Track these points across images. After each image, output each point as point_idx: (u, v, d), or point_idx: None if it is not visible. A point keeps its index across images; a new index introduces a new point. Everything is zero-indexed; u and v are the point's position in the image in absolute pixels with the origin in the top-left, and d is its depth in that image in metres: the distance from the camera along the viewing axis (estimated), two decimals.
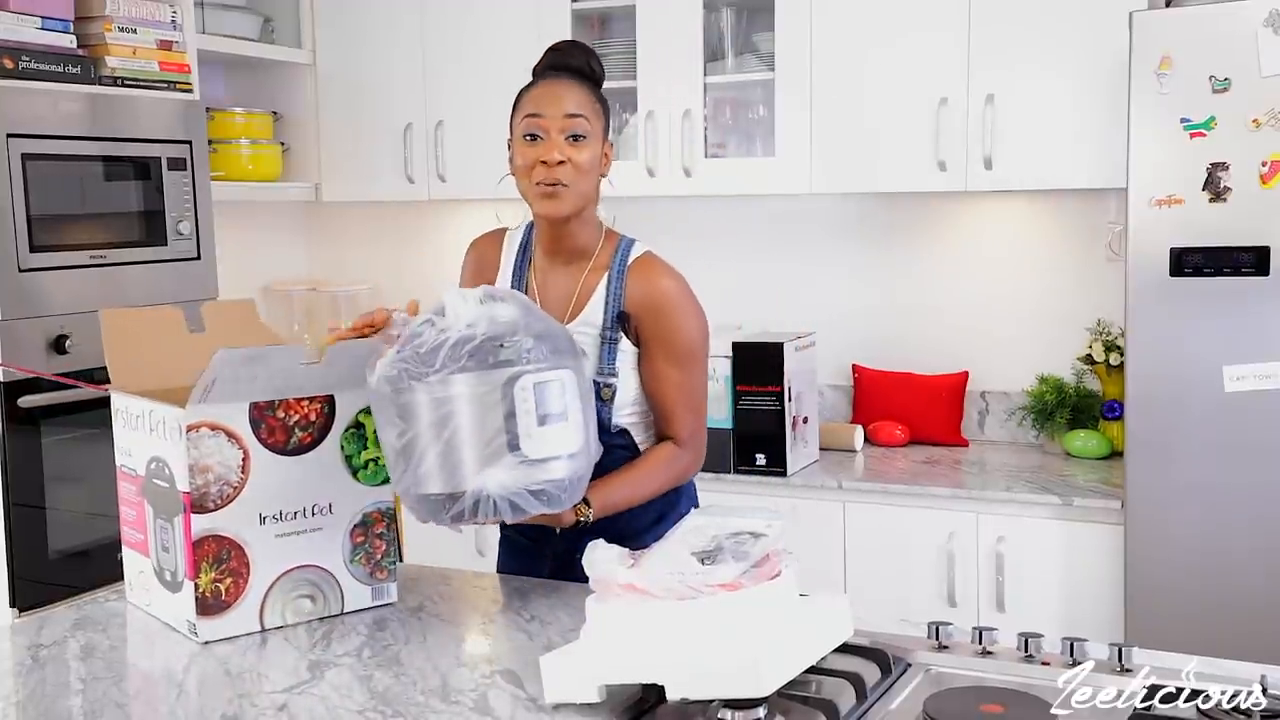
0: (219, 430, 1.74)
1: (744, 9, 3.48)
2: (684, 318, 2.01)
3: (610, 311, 2.00)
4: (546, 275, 2.08)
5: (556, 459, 1.67)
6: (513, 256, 2.13)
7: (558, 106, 1.95)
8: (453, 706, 1.52)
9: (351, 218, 4.27)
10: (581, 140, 1.95)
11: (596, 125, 1.98)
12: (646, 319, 1.99)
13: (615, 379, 1.99)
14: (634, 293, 2.00)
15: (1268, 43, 2.56)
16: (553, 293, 2.05)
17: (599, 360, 2.00)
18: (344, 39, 3.90)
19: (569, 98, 1.96)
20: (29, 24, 2.94)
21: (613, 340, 2.00)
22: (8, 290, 2.87)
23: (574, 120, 1.95)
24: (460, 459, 1.64)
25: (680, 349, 2.01)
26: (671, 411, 2.02)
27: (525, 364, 1.65)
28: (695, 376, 2.04)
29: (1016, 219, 3.47)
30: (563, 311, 2.02)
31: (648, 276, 2.01)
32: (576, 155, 1.95)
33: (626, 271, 2.01)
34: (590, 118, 1.97)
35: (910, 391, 3.49)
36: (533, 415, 1.64)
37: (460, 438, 1.63)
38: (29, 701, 1.59)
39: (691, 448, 2.05)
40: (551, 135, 1.95)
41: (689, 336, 2.02)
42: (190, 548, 1.74)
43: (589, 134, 1.96)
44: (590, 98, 1.99)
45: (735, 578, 1.43)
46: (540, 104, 1.97)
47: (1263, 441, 2.64)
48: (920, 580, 3.03)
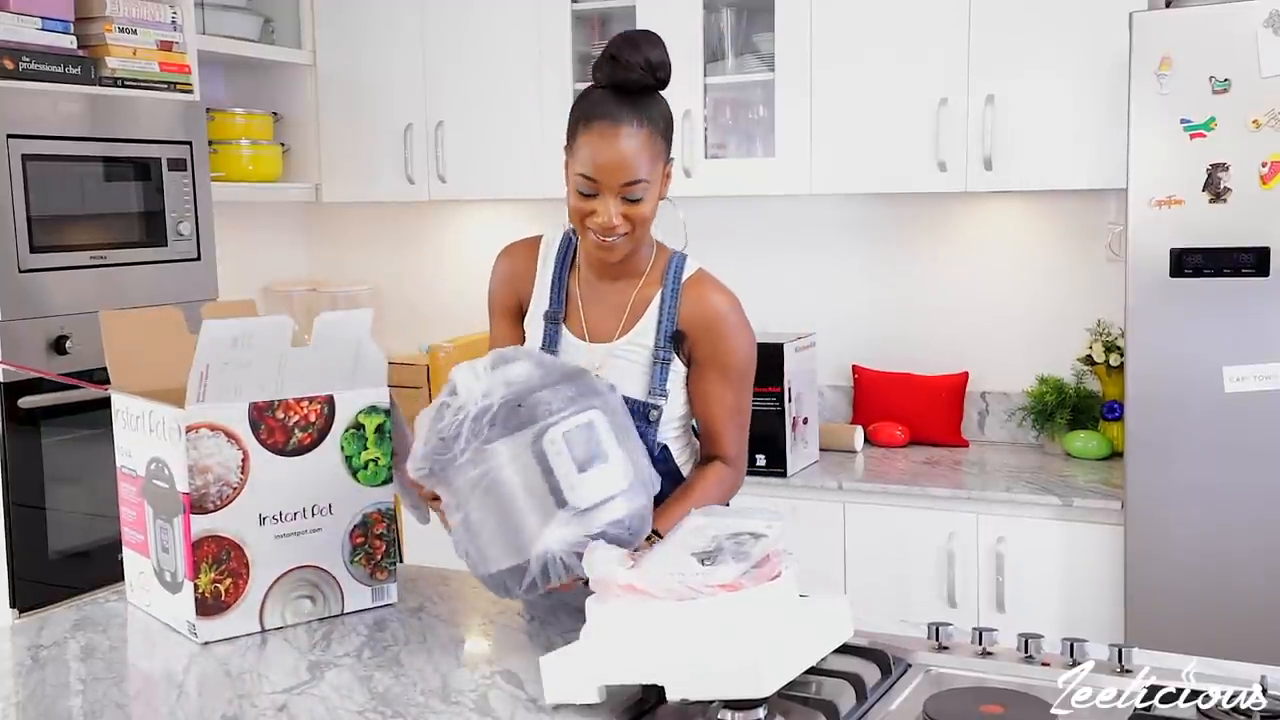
0: (218, 431, 1.75)
1: (744, 9, 3.48)
2: (738, 338, 1.96)
3: (664, 330, 1.94)
4: (593, 288, 1.99)
5: (609, 500, 1.62)
6: (550, 267, 2.02)
7: (614, 174, 1.80)
8: (453, 707, 1.52)
9: (351, 218, 4.27)
10: (639, 200, 1.83)
11: (656, 171, 1.84)
12: (701, 338, 1.94)
13: (664, 400, 1.94)
14: (688, 311, 1.94)
15: (1268, 43, 2.56)
16: (600, 307, 1.98)
17: (650, 380, 1.94)
18: (344, 39, 3.90)
19: (627, 159, 1.79)
20: (29, 24, 2.94)
21: (665, 360, 1.94)
22: (8, 291, 2.87)
23: (632, 186, 1.81)
24: (517, 528, 1.60)
25: (734, 369, 1.96)
26: (721, 431, 1.98)
27: (549, 417, 1.61)
28: (745, 396, 2.00)
29: (1016, 219, 3.48)
30: (613, 327, 1.96)
31: (702, 295, 1.95)
32: (634, 212, 1.83)
33: (680, 290, 1.95)
34: (650, 172, 1.81)
35: (910, 392, 3.49)
36: (571, 464, 1.59)
37: (510, 507, 1.60)
38: (29, 702, 1.59)
39: (738, 466, 2.01)
40: (607, 197, 1.82)
41: (742, 357, 1.97)
42: (190, 548, 1.74)
43: (648, 190, 1.83)
44: (651, 142, 1.81)
45: (735, 578, 1.43)
46: (594, 165, 1.80)
47: (1263, 442, 2.64)
48: (920, 581, 3.03)
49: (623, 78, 1.81)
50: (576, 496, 1.59)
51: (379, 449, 1.90)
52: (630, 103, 1.81)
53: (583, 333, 1.98)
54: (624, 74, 1.81)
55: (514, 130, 3.65)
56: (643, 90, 1.83)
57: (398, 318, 4.15)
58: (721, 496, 1.99)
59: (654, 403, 1.94)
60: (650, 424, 1.94)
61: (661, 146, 1.85)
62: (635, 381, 1.94)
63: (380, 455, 1.90)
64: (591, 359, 1.94)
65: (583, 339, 1.98)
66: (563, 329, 1.99)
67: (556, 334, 1.99)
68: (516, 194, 3.73)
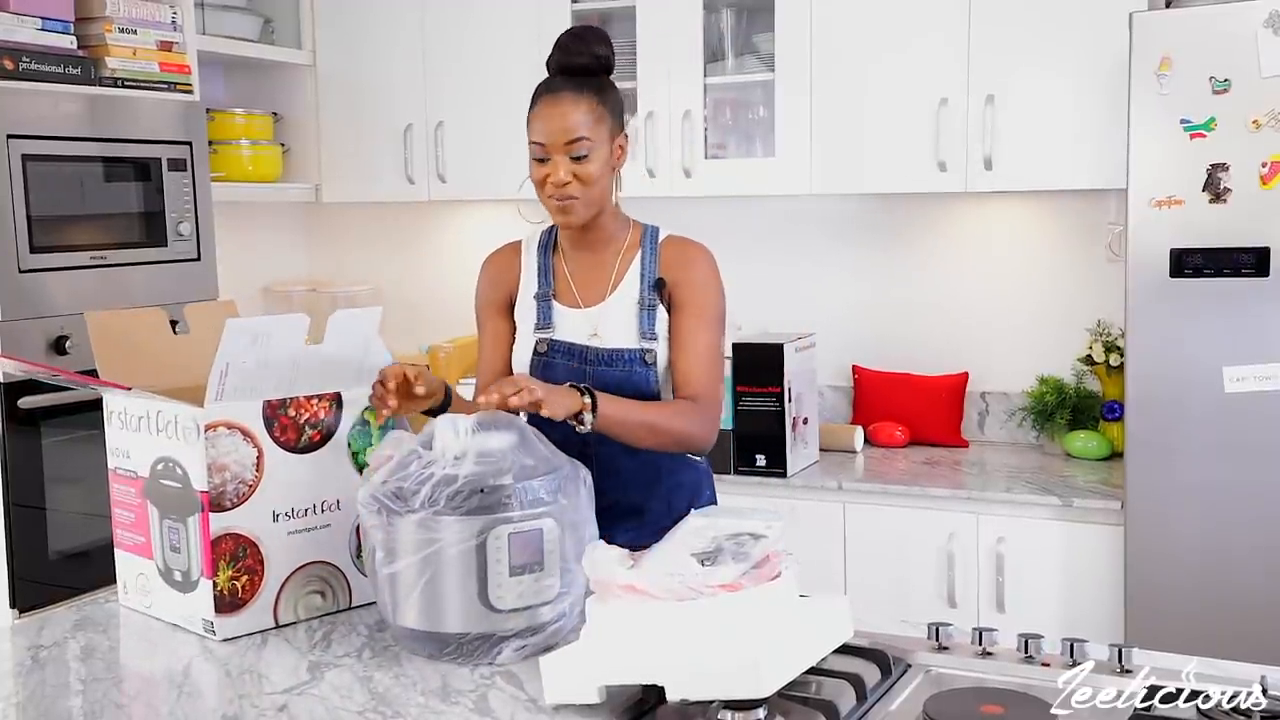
0: (235, 429, 1.77)
1: (744, 9, 3.48)
2: (712, 281, 2.11)
3: (647, 280, 2.09)
4: (578, 263, 2.15)
5: (530, 609, 1.63)
6: (534, 256, 2.19)
7: (557, 134, 2.01)
8: (453, 707, 1.52)
9: (351, 218, 4.27)
10: (584, 157, 2.01)
11: (600, 133, 2.02)
12: (681, 280, 2.08)
13: (655, 343, 2.07)
14: (668, 260, 2.10)
15: (1268, 43, 2.56)
16: (587, 275, 2.13)
17: (639, 325, 2.07)
18: (344, 39, 3.90)
19: (567, 120, 2.00)
20: (29, 25, 2.94)
21: (650, 306, 2.08)
22: (8, 291, 2.87)
23: (574, 144, 2.00)
24: (440, 603, 1.63)
25: (709, 309, 2.09)
26: (691, 371, 2.05)
27: (504, 511, 1.62)
28: (717, 340, 2.10)
29: (1016, 219, 3.47)
30: (602, 289, 2.11)
31: (680, 247, 2.13)
32: (582, 170, 2.01)
33: (659, 246, 2.12)
34: (591, 132, 2.01)
35: (910, 392, 3.49)
36: (504, 568, 1.61)
37: (440, 582, 1.62)
38: (29, 702, 1.59)
39: (706, 407, 2.05)
40: (555, 158, 2.02)
41: (717, 299, 2.11)
42: (208, 546, 1.75)
43: (592, 148, 2.01)
44: (591, 108, 2.01)
45: (735, 579, 1.43)
46: (541, 131, 2.03)
47: (1263, 442, 2.64)
48: (920, 581, 3.03)
49: (568, 62, 2.04)
50: (497, 598, 1.62)
51: None
52: (576, 81, 2.03)
53: (575, 301, 2.13)
54: (569, 58, 2.04)
55: (514, 130, 3.60)
56: (587, 73, 2.04)
57: (398, 318, 4.13)
58: (680, 420, 2.00)
59: (647, 346, 2.07)
60: (649, 366, 2.06)
61: (604, 114, 2.03)
62: (628, 330, 2.08)
63: None
64: (589, 320, 2.10)
65: (575, 306, 2.12)
66: (554, 304, 2.13)
67: (549, 309, 2.13)
68: (517, 194, 3.72)
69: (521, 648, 1.64)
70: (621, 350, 2.07)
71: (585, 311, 2.11)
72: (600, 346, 2.08)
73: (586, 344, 2.09)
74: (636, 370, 2.06)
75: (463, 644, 1.63)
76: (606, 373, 2.06)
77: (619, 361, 2.07)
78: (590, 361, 2.08)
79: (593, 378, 2.04)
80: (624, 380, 2.05)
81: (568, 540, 1.67)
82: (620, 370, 2.06)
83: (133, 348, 1.94)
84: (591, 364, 2.07)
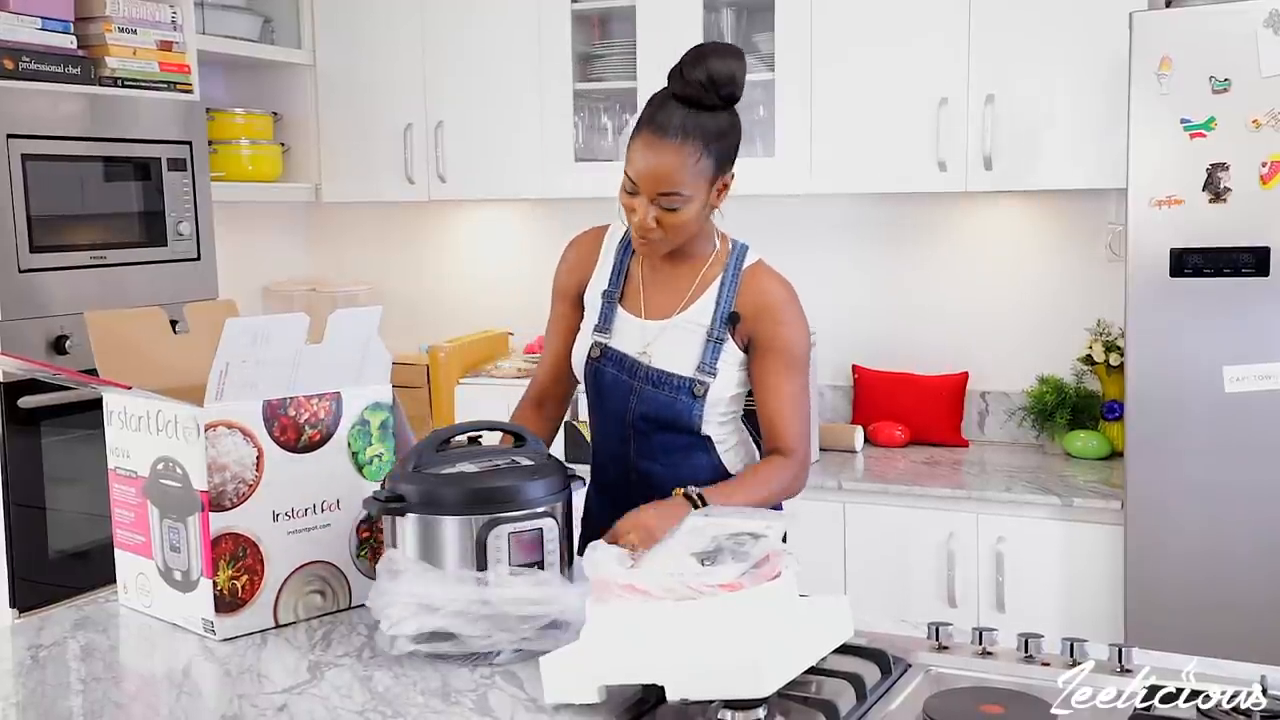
0: (235, 429, 1.77)
1: (744, 9, 3.48)
2: (794, 325, 2.02)
3: (721, 311, 2.00)
4: (656, 271, 2.06)
5: (531, 609, 1.61)
6: (613, 251, 2.11)
7: (649, 181, 1.88)
8: (453, 707, 1.52)
9: (351, 218, 4.27)
10: (675, 210, 1.90)
11: (699, 184, 1.90)
12: (760, 322, 2.00)
13: (712, 378, 1.99)
14: (747, 295, 2.01)
15: (1268, 43, 2.56)
16: (661, 288, 2.05)
17: (701, 356, 2.00)
18: (344, 39, 3.90)
19: (664, 168, 1.87)
20: (29, 24, 2.94)
21: (718, 339, 2.00)
22: (8, 290, 2.87)
23: (667, 197, 1.89)
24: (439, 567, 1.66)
25: (790, 355, 2.01)
26: (779, 422, 2.00)
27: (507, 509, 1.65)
28: (804, 384, 2.04)
29: (1016, 219, 3.48)
30: (673, 306, 2.03)
31: (761, 281, 2.03)
32: (669, 220, 1.91)
33: (741, 275, 2.02)
34: (688, 186, 1.88)
35: (910, 392, 3.49)
36: (505, 566, 1.64)
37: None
38: (29, 702, 1.59)
39: (798, 457, 2.02)
40: (642, 197, 1.90)
41: (799, 344, 2.02)
42: (208, 546, 1.75)
43: (686, 202, 1.90)
44: (695, 159, 1.87)
45: (735, 578, 1.43)
46: (635, 170, 1.90)
47: (1263, 441, 2.64)
48: (920, 580, 3.03)
49: (681, 91, 1.88)
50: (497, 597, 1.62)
51: (383, 445, 1.94)
52: (686, 116, 1.87)
53: (640, 310, 2.05)
54: (682, 88, 1.88)
55: (514, 130, 3.65)
56: (702, 105, 1.87)
57: (398, 318, 4.13)
58: (777, 483, 1.99)
59: (700, 379, 1.99)
60: (696, 399, 1.98)
61: (708, 163, 1.89)
62: (685, 357, 2.00)
63: (384, 451, 1.94)
64: (644, 335, 2.03)
65: (638, 316, 2.04)
66: (618, 308, 2.06)
67: (612, 312, 2.06)
68: (516, 194, 3.73)
69: (521, 648, 1.64)
70: (672, 375, 2.00)
71: (645, 324, 2.04)
72: (650, 365, 2.01)
73: (636, 358, 2.03)
74: (682, 399, 1.99)
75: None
76: (654, 394, 2.01)
77: (666, 386, 2.00)
78: (638, 378, 2.02)
79: (639, 396, 2.01)
80: (666, 406, 2.00)
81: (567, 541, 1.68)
82: (666, 395, 2.00)
83: (133, 348, 1.94)
84: (640, 380, 2.02)
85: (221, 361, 1.73)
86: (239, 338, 1.74)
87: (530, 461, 1.75)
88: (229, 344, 1.73)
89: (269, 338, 1.77)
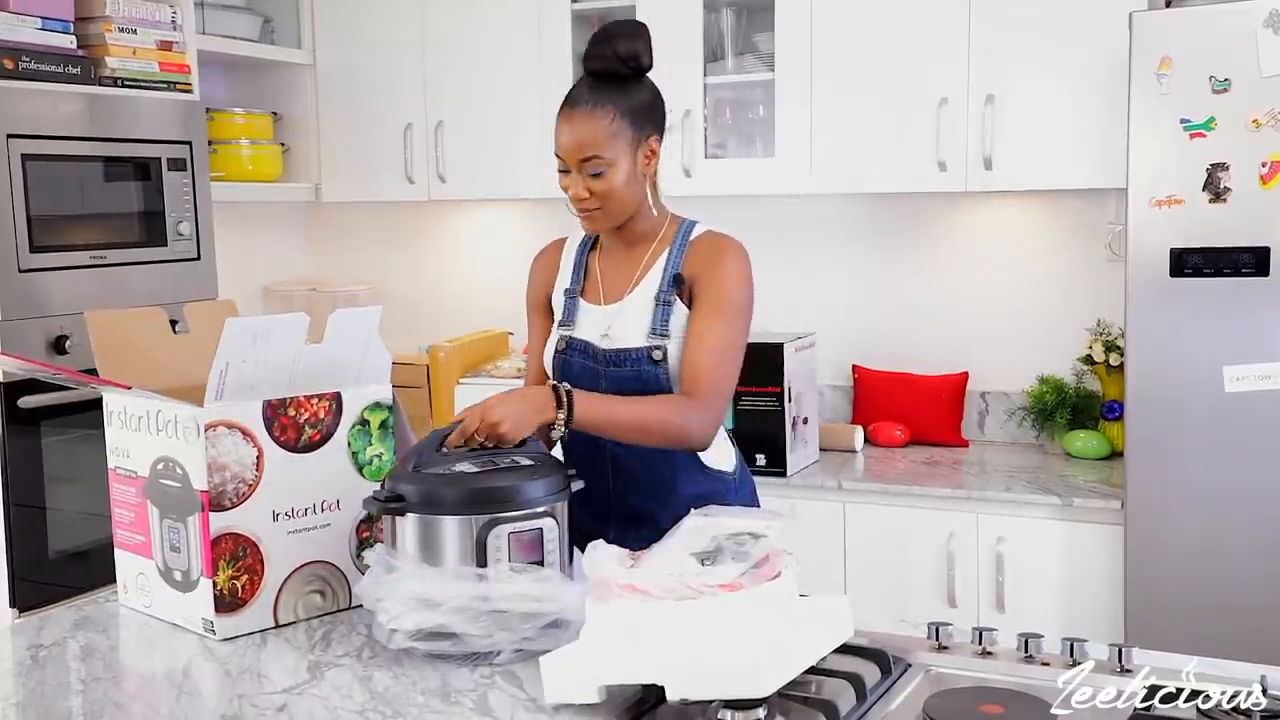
0: (235, 429, 1.77)
1: (744, 9, 3.48)
2: (731, 273, 2.02)
3: (667, 276, 2.04)
4: (611, 260, 2.12)
5: (531, 609, 1.63)
6: (573, 253, 2.18)
7: (571, 150, 1.97)
8: (453, 707, 1.52)
9: (351, 218, 4.27)
10: (601, 174, 1.97)
11: (618, 146, 1.96)
12: (699, 275, 2.02)
13: (667, 340, 2.01)
14: (694, 255, 2.04)
15: (1268, 43, 2.56)
16: (616, 274, 2.10)
17: (651, 321, 2.02)
18: (344, 39, 3.90)
19: (580, 137, 1.96)
20: (29, 24, 2.94)
21: (666, 302, 2.03)
22: (8, 290, 2.87)
23: (589, 162, 1.96)
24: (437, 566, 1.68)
25: (726, 302, 2.00)
26: (694, 363, 1.97)
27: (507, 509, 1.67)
28: (732, 335, 2.00)
29: (1016, 219, 3.48)
30: (624, 287, 2.07)
31: (709, 242, 2.07)
32: (598, 186, 1.98)
33: (689, 243, 2.07)
34: (607, 149, 1.95)
35: (910, 392, 3.49)
36: (505, 566, 1.66)
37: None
38: (29, 702, 1.59)
39: (699, 402, 1.95)
40: (574, 172, 1.99)
41: (730, 291, 2.01)
42: (208, 546, 1.75)
43: (608, 164, 1.96)
44: (608, 122, 1.95)
45: (735, 578, 1.43)
46: (558, 144, 1.99)
47: (1263, 441, 2.64)
48: (920, 580, 3.03)
49: (593, 67, 2.00)
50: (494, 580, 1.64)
51: (383, 444, 1.94)
52: (599, 88, 1.98)
53: (599, 298, 2.09)
54: (593, 64, 1.99)
55: (514, 130, 3.65)
56: (613, 76, 1.98)
57: (397, 318, 4.13)
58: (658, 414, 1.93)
59: (654, 344, 2.01)
60: (657, 365, 2.00)
61: (623, 126, 1.97)
62: (639, 328, 2.03)
63: (384, 451, 1.94)
64: (604, 319, 2.07)
65: (598, 304, 2.09)
66: (579, 300, 2.11)
67: (574, 305, 2.11)
68: (516, 194, 3.73)
69: (521, 648, 1.64)
70: (629, 350, 2.02)
71: (604, 309, 2.07)
72: (609, 346, 2.04)
73: (598, 343, 2.05)
74: (645, 369, 2.00)
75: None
76: (618, 373, 2.02)
77: (628, 361, 2.02)
78: (600, 361, 2.04)
79: (604, 378, 2.02)
80: (633, 379, 2.01)
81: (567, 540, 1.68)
82: (630, 370, 2.02)
83: (133, 348, 1.94)
84: (601, 364, 2.04)
85: (221, 361, 1.73)
86: (239, 338, 1.74)
87: (530, 461, 1.76)
88: (229, 344, 1.73)
89: (269, 338, 1.77)
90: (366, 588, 1.69)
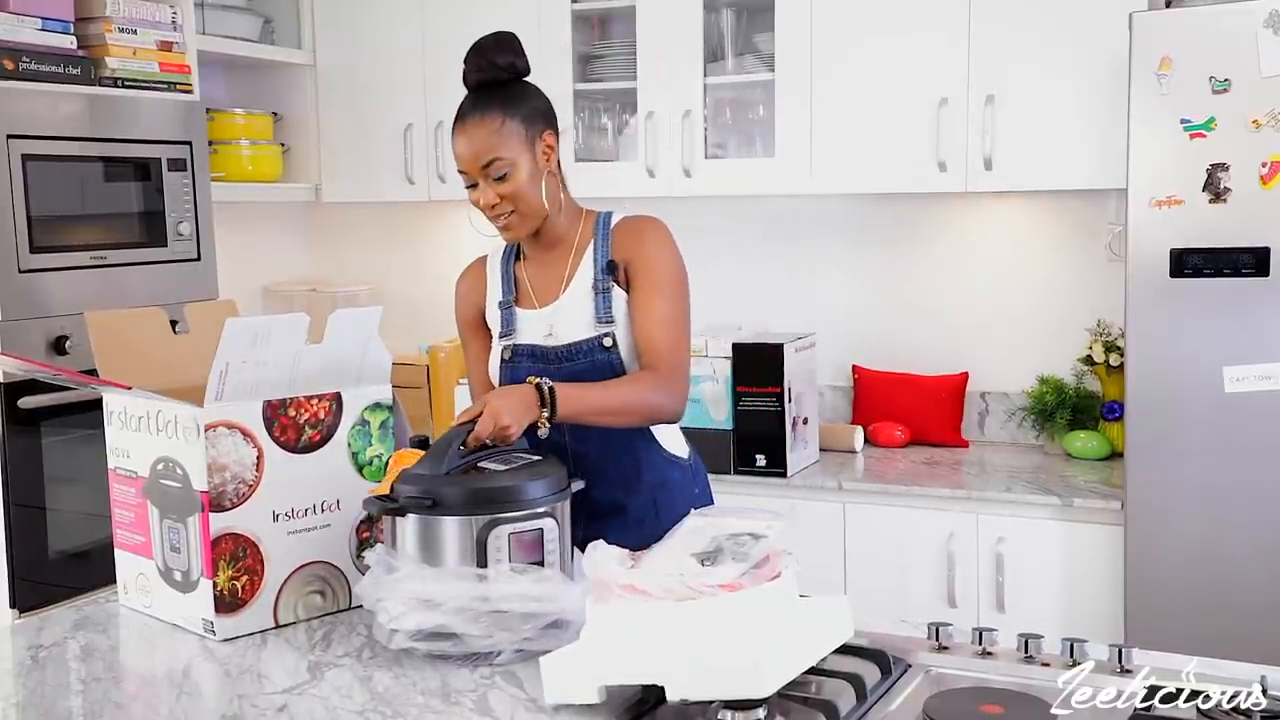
0: (235, 429, 1.77)
1: (744, 9, 3.48)
2: (660, 246, 2.07)
3: (599, 265, 2.07)
4: (537, 266, 2.14)
5: (531, 609, 1.64)
6: (498, 267, 2.19)
7: (470, 160, 2.00)
8: (453, 707, 1.52)
9: (351, 218, 4.27)
10: (505, 176, 1.99)
11: (514, 146, 2.00)
12: (632, 255, 2.05)
13: (613, 325, 2.03)
14: (619, 240, 2.08)
15: (1268, 43, 2.56)
16: (545, 278, 2.12)
17: (594, 311, 2.04)
18: (344, 39, 3.90)
19: (475, 145, 1.99)
20: (29, 24, 2.94)
21: (605, 289, 2.05)
22: (8, 291, 2.87)
23: (489, 167, 1.99)
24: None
25: (662, 277, 2.04)
26: (648, 339, 2.01)
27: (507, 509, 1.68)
28: (676, 307, 2.05)
29: (1016, 219, 3.47)
30: (558, 287, 2.09)
31: (630, 225, 2.10)
32: (505, 189, 2.00)
33: (611, 231, 2.10)
34: (503, 150, 1.99)
35: (910, 392, 3.49)
36: (505, 566, 1.66)
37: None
38: (29, 702, 1.59)
39: (664, 374, 2.00)
40: (480, 183, 2.01)
41: (664, 264, 2.06)
42: (208, 546, 1.75)
43: (509, 165, 1.99)
44: (498, 125, 1.99)
45: (735, 578, 1.43)
46: (459, 157, 2.03)
47: (1263, 442, 2.64)
48: (920, 580, 3.03)
49: (472, 80, 2.06)
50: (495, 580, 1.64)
51: (383, 445, 1.94)
52: (484, 97, 2.03)
53: (534, 303, 2.12)
54: (472, 76, 2.06)
55: None
56: (496, 85, 2.04)
57: (397, 318, 4.13)
58: (634, 392, 1.97)
59: (603, 331, 2.03)
60: (609, 351, 2.03)
61: (514, 126, 2.01)
62: (583, 320, 2.05)
63: (384, 451, 1.94)
64: (544, 321, 2.09)
65: (534, 308, 2.11)
66: (515, 310, 2.13)
67: (511, 315, 2.13)
68: None
69: (521, 648, 1.64)
70: (579, 342, 2.04)
71: (540, 312, 2.09)
72: (556, 344, 2.06)
73: (544, 344, 2.07)
74: (598, 357, 2.02)
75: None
76: (572, 367, 2.04)
77: (579, 354, 2.04)
78: (551, 360, 2.05)
79: (558, 375, 2.01)
80: (588, 371, 2.02)
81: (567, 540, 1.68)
82: (583, 362, 2.04)
83: (133, 348, 1.94)
84: (553, 362, 2.05)
85: (221, 361, 1.74)
86: (239, 338, 1.74)
87: (530, 461, 1.76)
88: (229, 344, 1.73)
89: (269, 338, 1.77)
90: (367, 588, 1.70)
